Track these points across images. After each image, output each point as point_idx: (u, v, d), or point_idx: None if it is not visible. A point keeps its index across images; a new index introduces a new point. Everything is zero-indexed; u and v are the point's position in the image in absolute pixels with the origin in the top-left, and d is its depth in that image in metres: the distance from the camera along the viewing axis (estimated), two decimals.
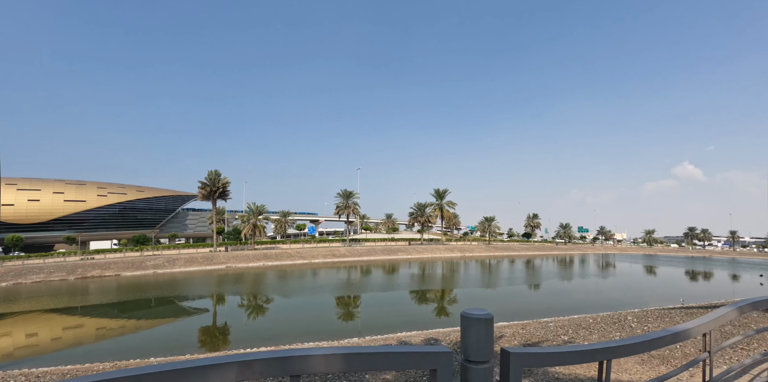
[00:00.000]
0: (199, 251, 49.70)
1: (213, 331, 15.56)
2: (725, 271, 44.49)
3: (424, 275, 35.42)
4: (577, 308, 17.30)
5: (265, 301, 22.01)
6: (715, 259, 78.49)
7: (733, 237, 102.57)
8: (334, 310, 19.44)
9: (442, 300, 22.28)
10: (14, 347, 13.23)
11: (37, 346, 13.60)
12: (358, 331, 13.84)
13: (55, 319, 17.80)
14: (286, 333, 13.86)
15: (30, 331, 15.80)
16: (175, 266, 40.27)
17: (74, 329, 16.10)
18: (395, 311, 18.81)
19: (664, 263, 57.81)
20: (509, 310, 17.26)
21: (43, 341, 14.16)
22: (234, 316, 18.78)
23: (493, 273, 37.96)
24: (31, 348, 13.22)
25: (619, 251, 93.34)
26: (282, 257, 45.96)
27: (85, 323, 17.23)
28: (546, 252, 75.46)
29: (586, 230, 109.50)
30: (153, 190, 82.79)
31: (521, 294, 24.16)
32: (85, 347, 13.02)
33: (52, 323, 17.08)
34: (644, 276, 38.00)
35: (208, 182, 49.34)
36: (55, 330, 15.83)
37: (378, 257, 50.96)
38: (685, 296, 21.88)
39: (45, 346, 13.55)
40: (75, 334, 15.27)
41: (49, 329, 15.95)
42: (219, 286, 29.51)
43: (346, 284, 28.87)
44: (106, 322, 17.50)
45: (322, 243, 62.53)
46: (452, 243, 70.45)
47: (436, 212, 66.18)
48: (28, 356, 11.81)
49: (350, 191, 59.42)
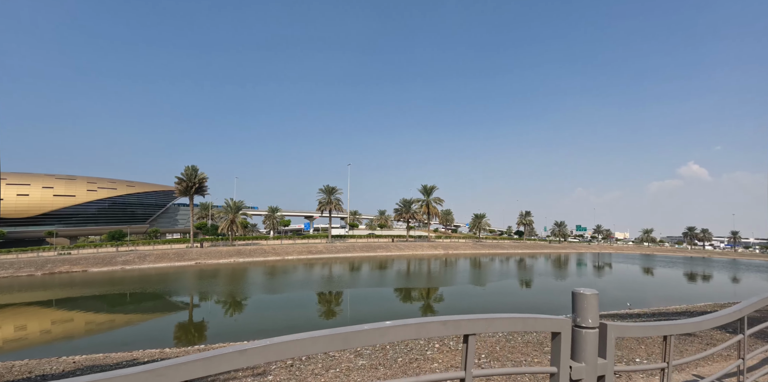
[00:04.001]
0: (173, 246, 49.39)
1: (138, 332, 14.90)
2: (716, 273, 42.84)
3: (385, 273, 34.57)
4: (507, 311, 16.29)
5: (209, 299, 21.37)
6: (713, 259, 76.24)
7: (735, 238, 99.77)
8: (278, 310, 18.64)
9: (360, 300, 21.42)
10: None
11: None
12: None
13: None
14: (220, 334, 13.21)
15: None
16: (145, 262, 39.97)
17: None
18: (333, 310, 18.00)
19: (653, 263, 56.17)
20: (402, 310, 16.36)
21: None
22: (169, 315, 18.13)
23: (449, 272, 36.81)
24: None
25: (614, 250, 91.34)
26: (255, 253, 45.41)
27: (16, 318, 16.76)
28: (536, 251, 73.98)
29: (584, 229, 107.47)
30: (144, 185, 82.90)
31: (452, 294, 23.12)
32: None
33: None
34: (617, 277, 36.66)
35: (184, 178, 48.94)
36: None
37: (356, 254, 50.17)
38: (646, 299, 20.79)
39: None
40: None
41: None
42: (175, 282, 29.02)
43: (306, 282, 28.18)
44: (35, 318, 17.04)
45: (310, 239, 61.88)
46: (439, 240, 69.27)
47: (423, 208, 65.09)
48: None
49: (333, 186, 58.66)
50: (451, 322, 1.36)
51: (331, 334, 1.14)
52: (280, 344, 1.06)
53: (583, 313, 1.62)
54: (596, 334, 1.63)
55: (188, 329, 14.91)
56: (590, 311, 1.63)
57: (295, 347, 1.08)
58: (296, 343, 1.09)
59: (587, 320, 1.61)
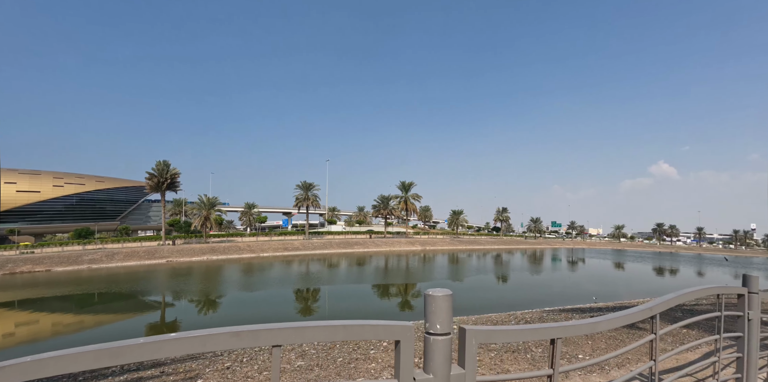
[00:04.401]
0: (143, 244, 47.95)
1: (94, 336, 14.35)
2: (682, 267, 44.68)
3: (362, 270, 34.55)
4: (473, 308, 16.58)
5: (181, 297, 20.81)
6: (680, 254, 79.48)
7: (700, 234, 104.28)
8: (252, 308, 18.28)
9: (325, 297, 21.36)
10: None
11: None
12: None
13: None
14: None
15: None
16: (113, 260, 38.64)
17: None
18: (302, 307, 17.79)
19: (623, 258, 58.11)
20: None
21: None
22: (141, 316, 17.54)
23: (425, 268, 37.11)
24: None
25: (588, 245, 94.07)
26: (230, 250, 44.59)
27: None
28: (512, 246, 75.42)
29: (559, 225, 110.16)
30: (114, 180, 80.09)
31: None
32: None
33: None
34: (589, 271, 37.76)
35: (156, 173, 47.48)
36: None
37: (333, 251, 49.93)
38: (612, 293, 21.43)
39: None
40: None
41: None
42: (146, 281, 28.16)
43: (281, 279, 27.86)
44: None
45: (287, 236, 61.16)
46: (417, 236, 69.70)
47: (401, 204, 65.25)
48: None
49: (310, 182, 58.11)
50: (246, 333, 1.17)
51: (97, 349, 0.99)
52: None
53: (432, 318, 1.43)
54: (448, 341, 1.44)
55: (161, 330, 14.55)
56: (440, 316, 1.43)
57: (57, 363, 0.96)
58: (59, 359, 0.96)
59: (436, 325, 1.42)
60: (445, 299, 1.45)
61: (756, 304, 3.09)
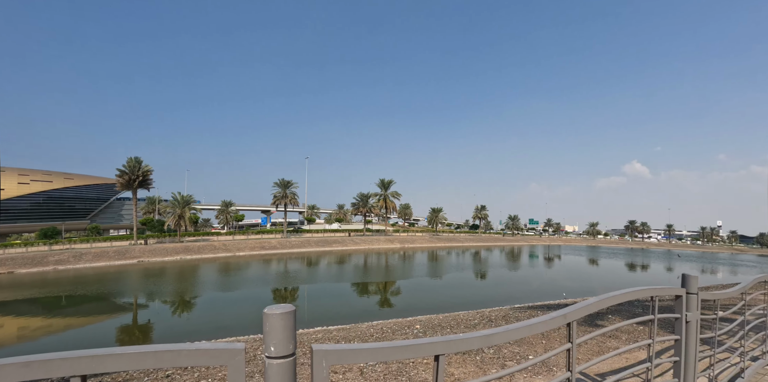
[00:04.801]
0: (114, 244, 46.45)
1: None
2: (652, 263, 46.33)
3: (338, 268, 34.44)
4: (445, 306, 16.75)
5: (154, 299, 20.22)
6: (651, 250, 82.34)
7: (669, 230, 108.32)
8: (222, 309, 17.92)
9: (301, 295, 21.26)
10: None
11: None
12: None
13: None
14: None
15: None
16: (81, 261, 37.28)
17: None
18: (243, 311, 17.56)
19: (597, 254, 59.73)
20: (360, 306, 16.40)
21: None
22: (112, 319, 16.94)
23: (404, 266, 37.33)
24: None
25: (563, 242, 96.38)
26: (204, 250, 43.69)
27: None
28: (490, 243, 76.54)
29: (536, 222, 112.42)
30: (84, 177, 77.06)
31: (407, 287, 23.48)
32: None
33: None
34: (561, 268, 38.70)
35: (127, 170, 45.95)
36: None
37: (311, 249, 49.55)
38: (581, 290, 22.03)
39: None
40: None
41: None
42: (115, 283, 27.27)
43: (254, 279, 27.45)
44: None
45: (264, 234, 60.25)
46: (396, 234, 69.93)
47: (380, 202, 65.28)
48: None
49: (288, 180, 57.39)
50: (38, 363, 1.00)
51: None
52: None
53: (268, 339, 1.22)
54: (288, 365, 1.22)
55: (132, 332, 14.26)
56: (276, 336, 1.21)
57: None
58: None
59: (270, 347, 1.20)
60: (283, 318, 1.23)
61: (694, 305, 2.95)
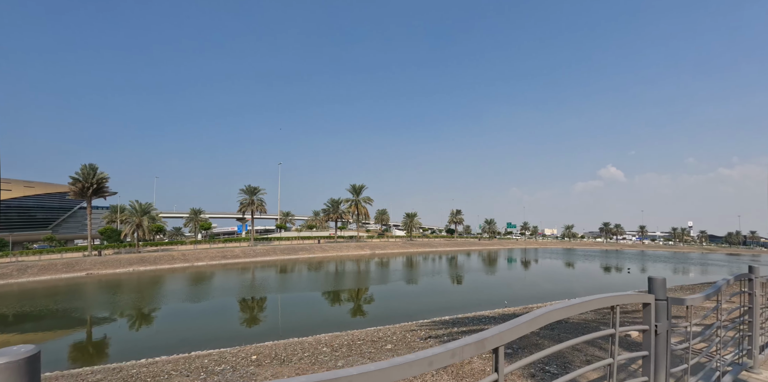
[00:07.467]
0: (64, 256, 44.34)
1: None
2: (626, 265, 46.38)
3: (297, 277, 33.40)
4: (366, 320, 16.05)
5: (104, 315, 18.84)
6: (625, 252, 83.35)
7: (642, 232, 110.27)
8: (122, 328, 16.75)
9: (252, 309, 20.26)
10: None
11: None
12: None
13: None
14: None
15: None
16: (25, 274, 35.25)
17: None
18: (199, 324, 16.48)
19: (571, 257, 59.97)
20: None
21: None
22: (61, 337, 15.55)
23: (372, 272, 36.54)
24: None
25: (540, 245, 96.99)
26: (161, 260, 42.00)
27: None
28: (465, 248, 76.30)
29: (514, 226, 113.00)
30: (46, 185, 74.10)
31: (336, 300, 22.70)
32: None
33: None
34: (522, 273, 38.41)
35: (80, 178, 44.06)
36: None
37: (275, 257, 48.25)
38: (535, 295, 21.65)
39: None
40: None
41: None
42: (42, 299, 25.63)
43: (198, 292, 26.21)
44: None
45: (228, 243, 58.60)
46: (369, 240, 69.00)
47: (352, 208, 64.37)
48: None
49: (255, 186, 56.08)
50: None
51: None
52: None
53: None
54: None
55: (85, 349, 13.41)
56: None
57: None
58: None
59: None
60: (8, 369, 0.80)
61: (664, 314, 2.38)
